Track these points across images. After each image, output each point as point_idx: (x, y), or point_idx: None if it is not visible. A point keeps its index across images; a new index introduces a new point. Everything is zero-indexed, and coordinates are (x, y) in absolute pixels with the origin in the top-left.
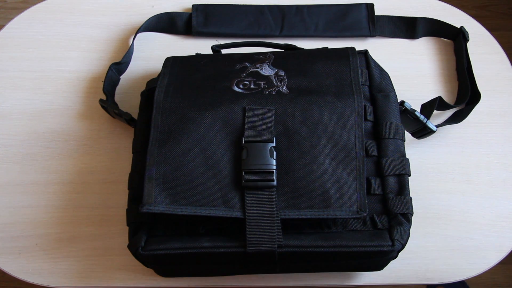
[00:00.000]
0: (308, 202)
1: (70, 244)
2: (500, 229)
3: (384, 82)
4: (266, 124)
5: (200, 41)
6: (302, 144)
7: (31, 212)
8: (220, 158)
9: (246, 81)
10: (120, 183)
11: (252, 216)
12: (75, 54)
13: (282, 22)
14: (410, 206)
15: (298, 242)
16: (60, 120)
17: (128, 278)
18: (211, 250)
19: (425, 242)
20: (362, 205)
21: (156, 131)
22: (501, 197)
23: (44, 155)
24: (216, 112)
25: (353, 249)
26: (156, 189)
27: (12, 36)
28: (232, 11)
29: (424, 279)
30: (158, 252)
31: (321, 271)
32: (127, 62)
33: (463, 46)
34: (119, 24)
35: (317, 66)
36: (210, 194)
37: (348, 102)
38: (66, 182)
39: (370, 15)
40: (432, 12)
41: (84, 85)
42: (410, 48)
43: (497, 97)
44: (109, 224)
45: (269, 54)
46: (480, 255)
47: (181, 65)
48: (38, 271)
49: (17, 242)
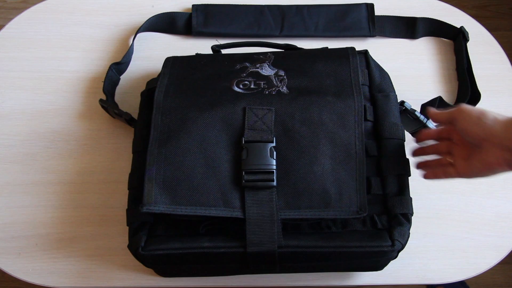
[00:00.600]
0: (308, 202)
1: (70, 244)
2: (500, 229)
3: (384, 82)
4: (266, 124)
5: (200, 41)
6: (302, 144)
7: (31, 212)
8: (220, 158)
9: (246, 81)
10: (120, 183)
11: (252, 216)
12: (75, 54)
13: (282, 22)
14: (410, 206)
15: (298, 242)
16: (60, 120)
17: (128, 278)
18: (211, 250)
19: (425, 242)
20: (362, 205)
21: (156, 131)
22: (501, 197)
23: (44, 155)
24: (216, 112)
25: (353, 249)
26: (156, 189)
27: (12, 36)
28: (232, 11)
29: (424, 279)
30: (158, 252)
31: (321, 271)
32: (127, 62)
33: (463, 46)
34: (119, 24)
35: (317, 66)
36: (210, 194)
37: (348, 102)
38: (66, 182)
39: (370, 15)
40: (432, 12)
41: (84, 85)
42: (410, 48)
43: (497, 97)
44: (109, 224)
45: (269, 54)
46: (480, 255)
47: (181, 65)
48: (38, 271)
49: (17, 242)
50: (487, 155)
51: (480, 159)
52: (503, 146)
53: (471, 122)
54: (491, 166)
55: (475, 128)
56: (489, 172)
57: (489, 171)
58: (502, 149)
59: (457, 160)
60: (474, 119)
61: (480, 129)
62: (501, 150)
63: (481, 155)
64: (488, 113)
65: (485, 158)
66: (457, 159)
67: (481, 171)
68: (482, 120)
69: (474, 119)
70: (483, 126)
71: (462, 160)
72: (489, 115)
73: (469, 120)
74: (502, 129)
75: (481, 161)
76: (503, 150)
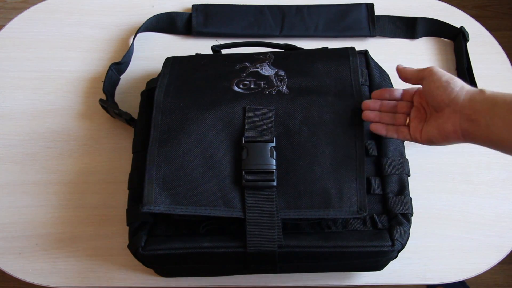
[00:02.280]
0: (308, 202)
1: (70, 244)
2: (500, 229)
3: (384, 82)
4: (266, 124)
5: (200, 41)
6: (302, 144)
7: (31, 212)
8: (220, 158)
9: (246, 81)
10: (120, 183)
11: (252, 216)
12: (75, 54)
13: (282, 22)
14: (410, 206)
15: (298, 242)
16: (60, 120)
17: (128, 278)
18: (211, 250)
19: (425, 242)
20: (362, 205)
21: (156, 131)
22: (501, 197)
23: (44, 155)
24: (216, 112)
25: (353, 249)
26: (156, 189)
27: (12, 36)
28: (232, 11)
29: (424, 279)
30: (158, 252)
31: (321, 271)
32: (127, 62)
33: (463, 46)
34: (119, 24)
35: (317, 66)
36: (210, 194)
37: (348, 102)
38: (66, 182)
39: (370, 15)
40: (432, 12)
41: (84, 85)
42: (410, 48)
43: None
44: (109, 224)
45: (269, 54)
46: (480, 255)
47: (181, 65)
48: (38, 271)
49: (17, 242)
50: (445, 121)
51: (436, 124)
52: (463, 114)
53: (438, 85)
54: (446, 132)
55: (442, 91)
56: (442, 139)
57: (443, 138)
58: (462, 117)
59: (413, 122)
60: (443, 83)
61: (446, 93)
62: (459, 118)
63: (438, 121)
64: (457, 80)
65: (442, 124)
66: (413, 121)
67: (435, 137)
68: (450, 85)
69: (443, 83)
70: (449, 91)
71: (417, 123)
72: (458, 82)
73: (438, 83)
74: (466, 97)
75: (437, 126)
76: (462, 119)
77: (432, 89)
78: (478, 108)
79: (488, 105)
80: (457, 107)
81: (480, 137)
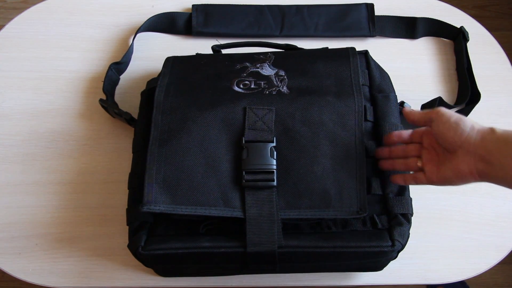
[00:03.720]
0: (308, 202)
1: (70, 244)
2: (500, 229)
3: (384, 82)
4: (267, 124)
5: (200, 41)
6: (303, 144)
7: (31, 212)
8: (220, 157)
9: (247, 81)
10: (120, 183)
11: (252, 216)
12: (75, 54)
13: (282, 22)
14: (410, 206)
15: (298, 242)
16: (60, 120)
17: (128, 278)
18: (211, 250)
19: (425, 242)
20: (362, 205)
21: (157, 130)
22: (501, 197)
23: (44, 155)
24: (217, 112)
25: (353, 249)
26: (156, 188)
27: (12, 36)
28: (232, 11)
29: (424, 279)
30: (158, 252)
31: (321, 271)
32: (127, 62)
33: (463, 46)
34: (119, 24)
35: (318, 66)
36: (210, 194)
37: (348, 102)
38: (66, 182)
39: (370, 15)
40: (432, 12)
41: (84, 85)
42: (410, 48)
43: (497, 97)
44: (109, 224)
45: (270, 54)
46: (480, 255)
47: (181, 65)
48: (38, 271)
49: (17, 242)
50: (460, 162)
51: (451, 166)
52: (476, 155)
53: (448, 127)
54: (462, 174)
55: (452, 133)
56: (459, 180)
57: (460, 179)
58: (476, 158)
59: (427, 166)
60: (452, 124)
61: (457, 135)
62: (474, 159)
63: (453, 163)
64: (466, 120)
65: (457, 166)
66: (427, 165)
67: (451, 179)
68: (460, 126)
69: (452, 124)
70: (460, 132)
71: (432, 166)
72: (467, 122)
73: (447, 124)
74: (478, 137)
75: (452, 168)
76: (476, 159)
77: (442, 131)
78: (490, 148)
79: (500, 144)
80: (470, 148)
81: (496, 177)
